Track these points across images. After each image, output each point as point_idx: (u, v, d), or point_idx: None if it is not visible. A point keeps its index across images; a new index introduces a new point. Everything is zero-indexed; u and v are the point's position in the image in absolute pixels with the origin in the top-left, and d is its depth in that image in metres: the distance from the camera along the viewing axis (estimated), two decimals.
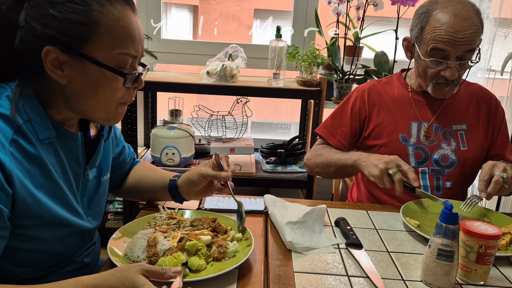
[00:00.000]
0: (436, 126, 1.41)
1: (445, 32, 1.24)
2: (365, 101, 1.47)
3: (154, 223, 1.02)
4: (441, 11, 1.26)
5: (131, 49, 0.82)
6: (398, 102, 1.45)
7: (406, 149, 1.40)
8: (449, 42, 1.24)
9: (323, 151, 1.44)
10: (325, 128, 1.53)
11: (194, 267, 0.86)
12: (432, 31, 1.26)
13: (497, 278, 0.95)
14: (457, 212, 0.86)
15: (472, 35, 1.23)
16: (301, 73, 2.18)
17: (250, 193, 2.55)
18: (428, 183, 1.39)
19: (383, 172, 1.18)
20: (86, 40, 0.78)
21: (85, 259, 0.99)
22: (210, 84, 2.07)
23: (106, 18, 0.79)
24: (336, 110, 1.53)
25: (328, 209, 1.24)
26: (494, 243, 0.89)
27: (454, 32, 1.23)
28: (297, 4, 2.40)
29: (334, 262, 0.97)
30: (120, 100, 0.86)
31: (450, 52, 1.25)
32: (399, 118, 1.43)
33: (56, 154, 0.86)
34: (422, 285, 0.90)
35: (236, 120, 2.38)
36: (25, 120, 0.79)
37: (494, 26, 2.07)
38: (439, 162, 1.39)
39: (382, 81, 1.52)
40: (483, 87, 1.49)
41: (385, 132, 1.43)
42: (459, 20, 1.23)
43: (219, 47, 2.27)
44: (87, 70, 0.80)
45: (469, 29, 1.23)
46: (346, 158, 1.33)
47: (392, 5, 2.08)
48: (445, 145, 1.40)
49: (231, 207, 1.19)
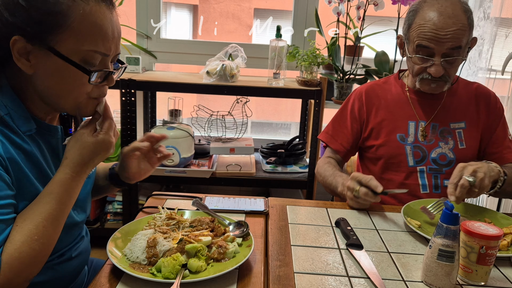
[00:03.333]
0: (433, 125, 1.41)
1: (429, 29, 1.26)
2: (363, 102, 1.48)
3: (154, 223, 1.02)
4: (427, 9, 1.28)
5: (100, 47, 0.82)
6: (395, 102, 1.45)
7: (404, 148, 1.40)
8: (432, 39, 1.25)
9: (322, 169, 1.47)
10: (327, 133, 1.55)
11: (193, 268, 0.86)
12: (417, 28, 1.28)
13: (498, 279, 0.94)
14: (457, 213, 0.85)
15: (456, 32, 1.24)
16: (301, 73, 2.18)
17: (250, 193, 2.55)
18: (427, 182, 1.39)
19: (349, 198, 1.24)
20: (52, 32, 0.78)
21: (73, 254, 0.99)
22: (210, 84, 2.07)
23: (76, 12, 0.79)
24: (336, 114, 1.55)
25: (329, 210, 1.24)
26: (495, 243, 0.89)
27: (437, 30, 1.24)
28: (297, 4, 2.40)
29: (335, 262, 0.96)
30: (90, 95, 0.87)
31: (434, 49, 1.27)
32: (397, 117, 1.44)
33: (39, 147, 0.88)
34: (422, 285, 0.90)
35: (236, 120, 2.37)
36: (5, 113, 0.82)
37: (495, 26, 2.07)
38: (437, 161, 1.39)
39: (379, 82, 1.53)
40: (482, 85, 1.49)
41: (383, 132, 1.44)
42: (443, 17, 1.24)
43: (219, 47, 2.27)
44: (52, 62, 0.80)
45: (453, 27, 1.24)
46: (334, 186, 1.37)
47: (393, 4, 2.08)
48: (443, 143, 1.40)
49: (231, 207, 1.19)
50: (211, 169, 2.16)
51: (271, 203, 1.26)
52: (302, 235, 1.08)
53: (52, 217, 0.82)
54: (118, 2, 2.37)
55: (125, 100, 2.04)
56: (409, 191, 1.39)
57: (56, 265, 0.93)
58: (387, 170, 1.44)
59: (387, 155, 1.43)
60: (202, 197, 1.25)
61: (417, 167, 1.40)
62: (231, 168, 2.22)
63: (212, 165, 2.21)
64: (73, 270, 1.00)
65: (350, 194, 1.23)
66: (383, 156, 1.43)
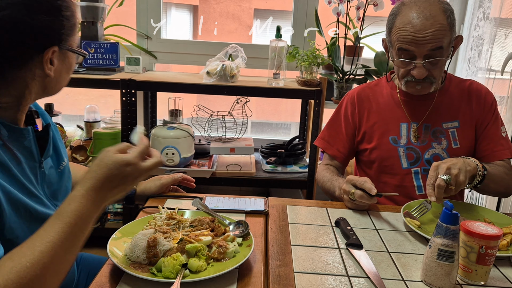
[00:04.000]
0: (425, 125, 1.41)
1: (407, 32, 1.26)
2: (355, 106, 1.48)
3: (154, 223, 1.02)
4: (406, 12, 1.28)
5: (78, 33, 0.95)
6: (387, 104, 1.45)
7: (397, 150, 1.40)
8: (412, 42, 1.25)
9: (321, 175, 1.48)
10: (323, 139, 1.55)
11: (194, 268, 0.86)
12: (397, 32, 1.29)
13: (498, 279, 0.95)
14: (457, 213, 0.86)
15: (434, 33, 1.23)
16: (301, 73, 2.18)
17: (250, 193, 2.55)
18: (422, 183, 1.39)
19: (346, 201, 1.26)
20: (72, 33, 0.91)
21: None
22: (210, 84, 2.07)
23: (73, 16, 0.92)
24: (330, 119, 1.56)
25: (328, 210, 1.25)
26: (495, 243, 0.89)
27: (415, 32, 1.24)
28: (297, 4, 2.40)
29: (334, 262, 0.97)
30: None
31: (415, 51, 1.27)
32: (389, 120, 1.43)
33: (12, 153, 0.85)
34: (422, 285, 0.90)
35: (236, 120, 2.37)
36: None
37: (494, 26, 2.07)
38: (431, 162, 1.38)
39: (371, 84, 1.53)
40: (476, 82, 1.46)
41: (376, 135, 1.44)
42: (420, 20, 1.24)
43: (219, 47, 2.27)
44: (68, 58, 0.92)
45: (431, 28, 1.23)
46: (332, 191, 1.38)
47: (392, 5, 2.08)
48: (436, 144, 1.39)
49: (231, 207, 1.19)
50: (211, 169, 2.16)
51: (271, 203, 1.26)
52: (302, 235, 1.08)
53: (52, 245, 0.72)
54: (119, 2, 2.38)
55: (126, 100, 2.04)
56: (405, 193, 1.39)
57: None
58: (382, 173, 1.44)
59: (380, 158, 1.43)
60: (202, 197, 1.25)
61: (412, 169, 1.40)
62: (231, 168, 2.22)
63: (212, 165, 2.21)
64: None
65: (346, 197, 1.24)
66: (376, 159, 1.44)
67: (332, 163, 1.52)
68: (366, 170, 1.50)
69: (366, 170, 1.50)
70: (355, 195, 1.20)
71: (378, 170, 1.45)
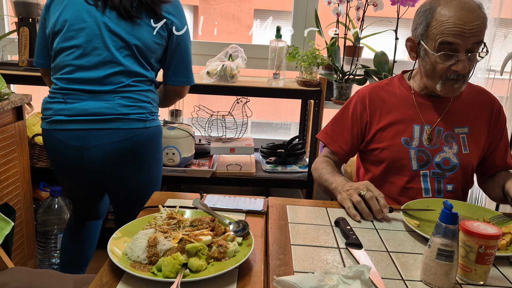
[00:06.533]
0: (438, 129, 1.40)
1: (454, 24, 1.23)
2: (366, 105, 1.46)
3: (155, 223, 1.02)
4: (445, 6, 1.26)
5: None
6: (400, 105, 1.43)
7: (408, 152, 1.39)
8: (458, 34, 1.23)
9: (321, 166, 1.45)
10: (326, 133, 1.53)
11: (194, 267, 0.86)
12: (440, 25, 1.25)
13: (497, 278, 0.95)
14: (456, 212, 0.86)
15: (479, 26, 1.23)
16: (301, 73, 2.19)
17: (251, 193, 2.55)
18: (430, 186, 1.39)
19: (349, 195, 1.21)
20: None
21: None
22: (210, 84, 2.07)
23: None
24: (337, 115, 1.53)
25: (328, 209, 1.25)
26: (494, 243, 0.89)
27: (463, 24, 1.22)
28: (297, 4, 2.40)
29: (334, 261, 0.97)
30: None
31: (459, 45, 1.24)
32: (401, 121, 1.41)
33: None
34: (422, 285, 0.90)
35: (236, 120, 2.38)
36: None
37: (494, 26, 2.07)
38: (441, 165, 1.38)
39: (382, 84, 1.50)
40: (486, 91, 1.47)
41: (387, 136, 1.42)
42: (465, 12, 1.22)
43: (219, 47, 2.28)
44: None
45: (476, 21, 1.22)
46: (329, 182, 1.34)
47: (392, 5, 2.09)
48: (447, 148, 1.38)
49: (230, 207, 1.19)
50: (212, 169, 2.16)
51: (271, 202, 1.26)
52: (302, 234, 1.09)
53: None
54: None
55: None
56: (411, 195, 1.39)
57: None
58: (390, 173, 1.43)
59: (390, 158, 1.41)
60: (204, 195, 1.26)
61: (420, 171, 1.39)
62: (231, 168, 2.23)
63: (212, 165, 2.21)
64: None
65: (352, 192, 1.21)
66: (386, 159, 1.42)
67: (331, 158, 1.50)
68: (372, 169, 1.47)
69: (372, 169, 1.47)
70: (366, 195, 1.18)
71: (386, 170, 1.43)
